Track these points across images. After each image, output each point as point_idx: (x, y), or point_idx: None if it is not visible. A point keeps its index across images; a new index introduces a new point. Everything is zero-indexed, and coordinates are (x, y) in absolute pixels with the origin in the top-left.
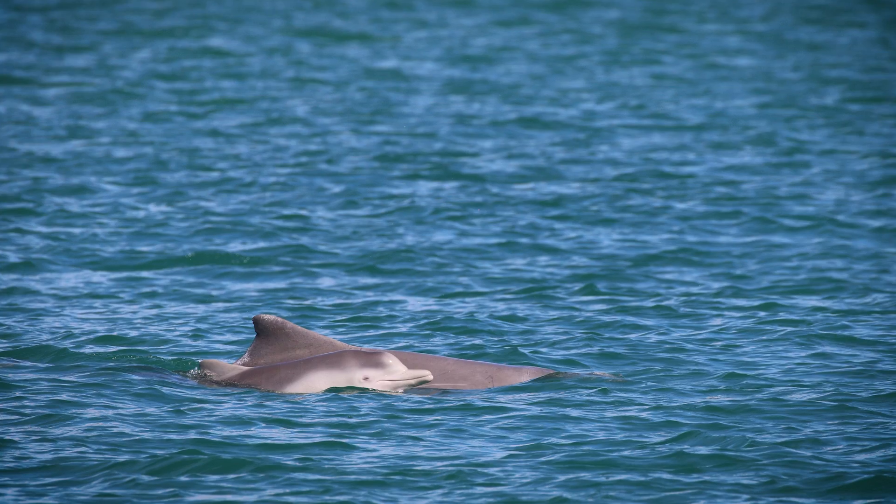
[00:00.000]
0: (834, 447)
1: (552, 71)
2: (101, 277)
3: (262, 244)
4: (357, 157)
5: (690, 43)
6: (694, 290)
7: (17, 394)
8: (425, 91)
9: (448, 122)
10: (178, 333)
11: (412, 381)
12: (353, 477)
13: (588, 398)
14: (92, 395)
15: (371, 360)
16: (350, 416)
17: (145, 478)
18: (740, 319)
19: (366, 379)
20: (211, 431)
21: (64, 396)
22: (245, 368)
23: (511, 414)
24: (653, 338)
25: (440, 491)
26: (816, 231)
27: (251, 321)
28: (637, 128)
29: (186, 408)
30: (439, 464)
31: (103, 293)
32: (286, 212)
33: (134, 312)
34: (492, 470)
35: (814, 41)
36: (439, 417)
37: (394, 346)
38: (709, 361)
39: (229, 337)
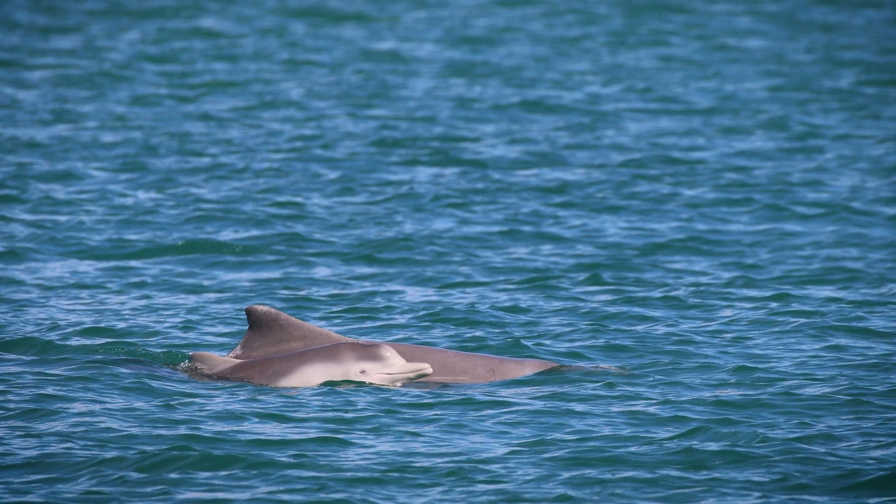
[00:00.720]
0: (848, 443)
1: (556, 53)
2: (87, 267)
3: (254, 232)
4: (354, 142)
5: (699, 23)
6: (703, 280)
7: (1, 388)
8: (424, 73)
9: (448, 106)
10: (167, 325)
11: (411, 375)
12: (349, 474)
13: (593, 392)
14: (78, 388)
15: (368, 352)
16: (346, 411)
17: (134, 475)
18: (751, 310)
19: (363, 372)
20: (202, 427)
21: (49, 390)
22: (237, 361)
23: (513, 409)
24: (660, 329)
25: (440, 488)
26: (830, 219)
27: (244, 312)
28: (644, 112)
29: (176, 402)
30: (439, 460)
31: (90, 283)
32: (280, 199)
33: (122, 303)
34: (493, 467)
35: (828, 22)
36: (439, 412)
37: (392, 338)
38: (719, 354)
39: (221, 329)
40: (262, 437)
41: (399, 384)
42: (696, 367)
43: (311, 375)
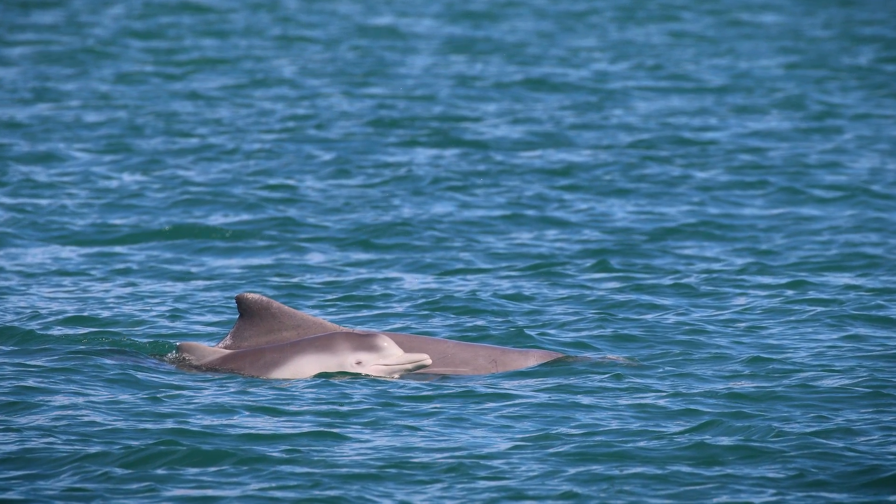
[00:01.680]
0: (868, 437)
1: (561, 28)
2: (70, 253)
3: (245, 217)
4: (349, 122)
5: None
6: (716, 266)
7: None
8: (423, 50)
9: (448, 84)
10: (154, 314)
11: (409, 366)
12: (344, 470)
13: (600, 384)
14: (60, 380)
15: (364, 342)
16: (341, 404)
17: (118, 471)
18: (766, 298)
19: (358, 363)
20: (190, 420)
21: (30, 382)
22: (227, 352)
23: (516, 401)
24: (671, 319)
25: (439, 485)
26: (849, 202)
27: (233, 300)
28: (654, 90)
29: (163, 395)
30: (438, 456)
31: (73, 270)
32: (272, 181)
33: (106, 291)
34: (495, 462)
35: None
36: (438, 405)
37: (389, 327)
38: (732, 344)
39: (210, 318)
40: (253, 431)
41: (397, 376)
42: (708, 358)
43: (304, 366)
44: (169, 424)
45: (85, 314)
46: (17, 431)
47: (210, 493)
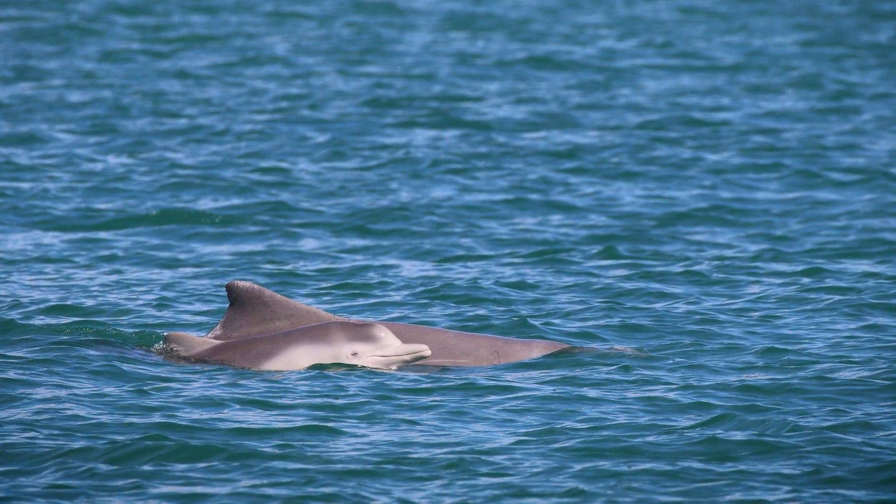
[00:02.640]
0: (887, 432)
1: (566, 3)
2: (53, 239)
3: (236, 201)
4: (345, 102)
5: None
6: (728, 253)
7: None
8: (422, 26)
9: (448, 62)
10: (140, 302)
11: (407, 357)
12: (339, 466)
13: (607, 376)
14: (42, 372)
15: (360, 333)
16: (336, 397)
17: (103, 467)
18: (781, 287)
19: (354, 354)
20: (178, 414)
21: (10, 374)
22: (217, 342)
23: (520, 394)
24: (681, 308)
25: (439, 482)
26: (868, 186)
27: (224, 289)
28: (663, 68)
29: (150, 387)
30: (438, 451)
31: (56, 256)
32: (264, 164)
33: (91, 279)
34: (498, 458)
35: None
36: (438, 398)
37: (386, 316)
38: (745, 334)
39: (199, 307)
40: (243, 425)
41: (394, 367)
42: (720, 349)
43: (297, 358)
44: (156, 418)
45: (68, 303)
46: None
47: (199, 489)
